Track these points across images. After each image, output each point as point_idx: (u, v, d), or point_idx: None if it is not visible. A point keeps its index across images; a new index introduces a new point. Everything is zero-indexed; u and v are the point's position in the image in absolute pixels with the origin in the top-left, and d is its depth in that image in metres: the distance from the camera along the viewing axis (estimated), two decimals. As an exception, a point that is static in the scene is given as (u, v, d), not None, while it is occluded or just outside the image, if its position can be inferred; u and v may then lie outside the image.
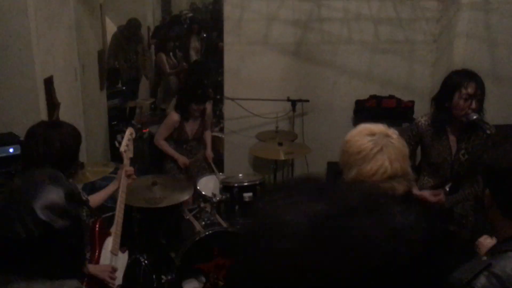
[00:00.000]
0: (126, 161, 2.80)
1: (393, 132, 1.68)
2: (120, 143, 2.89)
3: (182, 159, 4.08)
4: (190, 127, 4.12)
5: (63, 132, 2.29)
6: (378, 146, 1.61)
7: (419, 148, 3.01)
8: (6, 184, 2.93)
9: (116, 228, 2.61)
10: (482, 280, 1.28)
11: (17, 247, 1.21)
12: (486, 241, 2.09)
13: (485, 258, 1.34)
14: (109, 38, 6.77)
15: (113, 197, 3.79)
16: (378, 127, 1.67)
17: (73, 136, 2.33)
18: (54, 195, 1.26)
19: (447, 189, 2.84)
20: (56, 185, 1.29)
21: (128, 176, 2.75)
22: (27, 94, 3.28)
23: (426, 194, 2.84)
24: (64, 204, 1.26)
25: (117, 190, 2.76)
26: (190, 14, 8.12)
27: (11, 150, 2.96)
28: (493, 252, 1.39)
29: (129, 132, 2.92)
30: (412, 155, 3.02)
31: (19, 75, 3.26)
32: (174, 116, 4.08)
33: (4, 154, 2.96)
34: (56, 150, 2.23)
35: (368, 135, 1.65)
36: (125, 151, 2.80)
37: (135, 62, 7.02)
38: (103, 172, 3.49)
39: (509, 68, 4.20)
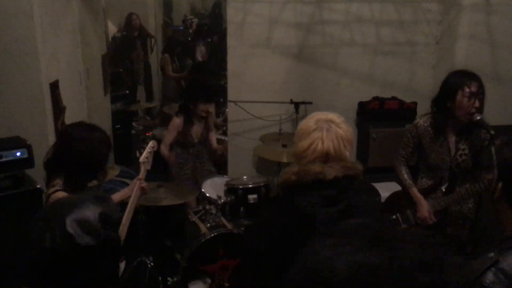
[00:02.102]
0: (143, 173, 2.78)
1: (338, 118, 1.78)
2: (141, 154, 2.87)
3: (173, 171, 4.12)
4: (195, 130, 4.12)
5: (96, 136, 2.30)
6: (316, 126, 1.73)
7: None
8: (14, 187, 2.98)
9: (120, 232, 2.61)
10: (490, 276, 1.29)
11: (43, 256, 1.21)
12: None
13: (492, 254, 1.36)
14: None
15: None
16: (327, 115, 1.79)
17: (105, 142, 2.34)
18: (89, 212, 1.25)
19: (444, 189, 2.87)
20: (96, 204, 1.28)
21: (142, 188, 2.73)
22: (34, 98, 3.32)
23: (424, 210, 2.85)
24: (96, 223, 1.24)
25: (127, 198, 2.74)
26: (195, 19, 8.18)
27: (18, 153, 2.99)
28: (500, 248, 1.40)
29: (151, 145, 2.90)
30: (411, 157, 3.04)
31: (25, 80, 3.29)
32: (176, 120, 4.07)
33: (11, 158, 2.99)
34: (89, 153, 2.24)
35: (316, 119, 1.77)
36: (143, 163, 2.79)
37: (130, 68, 7.08)
38: (110, 175, 3.51)
39: (510, 69, 4.23)
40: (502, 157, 1.48)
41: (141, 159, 2.79)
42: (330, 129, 1.73)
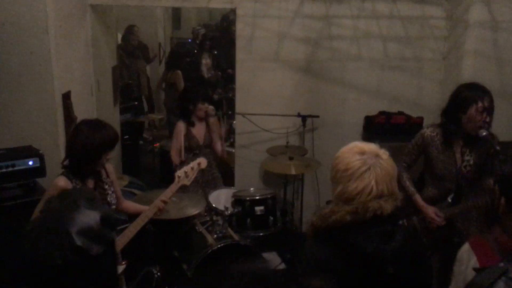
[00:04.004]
0: (174, 187, 2.77)
1: (383, 153, 1.67)
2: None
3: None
4: (197, 131, 4.17)
5: (97, 136, 2.47)
6: (366, 166, 1.61)
7: (420, 158, 3.06)
8: (26, 195, 3.03)
9: (120, 240, 2.63)
10: (500, 285, 1.31)
11: (53, 272, 1.21)
12: None
13: (502, 264, 1.39)
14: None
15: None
16: (369, 147, 1.68)
17: (106, 142, 2.50)
18: (90, 219, 1.25)
19: (450, 200, 2.89)
20: (92, 208, 1.28)
21: (163, 202, 2.74)
22: (46, 108, 3.39)
23: (431, 211, 2.88)
24: (99, 228, 1.25)
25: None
26: (203, 31, 8.23)
27: (30, 162, 3.05)
28: (510, 259, 1.43)
29: (197, 162, 2.84)
30: (413, 164, 3.07)
31: (38, 90, 3.38)
32: (179, 125, 4.16)
33: (23, 167, 3.06)
34: (86, 149, 2.46)
35: (358, 153, 1.65)
36: (179, 176, 2.76)
37: (137, 80, 7.16)
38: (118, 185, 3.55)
39: (517, 86, 4.26)
40: (503, 173, 1.51)
41: (179, 173, 2.76)
42: (380, 167, 1.62)
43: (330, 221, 1.61)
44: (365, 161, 1.62)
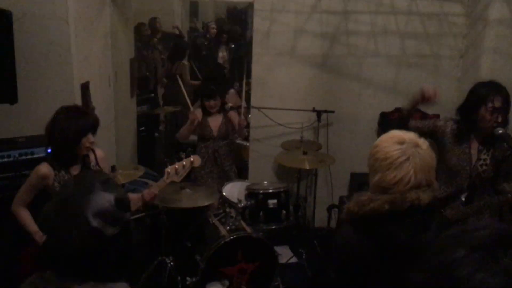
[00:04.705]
0: (162, 183, 2.74)
1: (423, 142, 1.66)
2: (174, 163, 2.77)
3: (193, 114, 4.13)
4: (213, 123, 4.17)
5: (72, 125, 2.53)
6: (405, 155, 1.61)
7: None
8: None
9: None
10: None
11: (71, 253, 1.25)
12: None
13: None
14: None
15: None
16: (409, 136, 1.67)
17: (80, 131, 2.54)
18: (105, 201, 1.28)
19: (463, 199, 2.85)
20: (107, 191, 1.32)
21: (146, 198, 2.72)
22: (65, 97, 3.44)
23: (430, 89, 2.86)
24: (114, 210, 1.29)
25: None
26: (213, 24, 8.22)
27: (49, 150, 3.11)
28: None
29: (190, 159, 2.77)
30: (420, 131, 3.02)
31: (58, 80, 3.43)
32: (197, 112, 4.18)
33: (42, 155, 3.12)
34: (61, 139, 2.56)
35: (397, 142, 1.64)
36: (168, 172, 2.74)
37: (153, 72, 7.19)
38: (134, 175, 3.61)
39: (536, 85, 4.20)
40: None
41: (169, 168, 2.73)
42: (420, 157, 1.62)
43: (367, 208, 1.62)
44: (405, 151, 1.62)
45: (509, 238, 0.85)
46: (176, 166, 2.77)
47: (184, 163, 2.79)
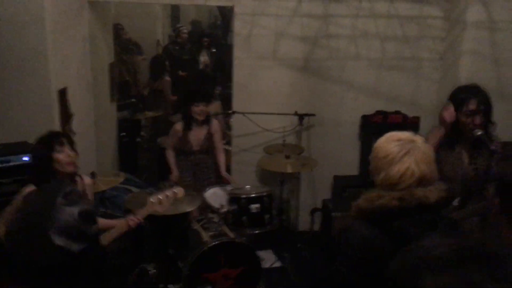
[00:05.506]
0: (145, 211, 2.71)
1: (419, 138, 1.73)
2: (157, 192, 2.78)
3: (173, 173, 4.14)
4: (194, 137, 4.14)
5: (37, 151, 2.58)
6: (404, 149, 1.68)
7: None
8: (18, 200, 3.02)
9: None
10: None
11: (38, 271, 1.21)
12: None
13: None
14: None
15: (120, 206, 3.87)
16: (405, 134, 1.74)
17: (41, 157, 2.56)
18: (68, 217, 1.23)
19: (456, 203, 2.87)
20: (70, 204, 1.26)
21: (131, 224, 2.69)
22: (42, 104, 3.38)
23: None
24: (79, 225, 1.24)
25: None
26: (185, 30, 8.06)
27: (25, 158, 3.05)
28: None
29: (174, 190, 2.77)
30: None
31: (34, 86, 3.36)
32: (176, 126, 4.15)
33: (18, 162, 3.06)
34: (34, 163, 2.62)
35: (395, 140, 1.72)
36: (152, 202, 2.71)
37: (134, 77, 7.12)
38: (114, 182, 3.55)
39: (514, 86, 4.27)
40: (498, 174, 1.52)
41: (152, 198, 2.71)
42: (418, 150, 1.68)
43: (376, 204, 1.66)
44: (403, 146, 1.69)
45: (466, 251, 0.86)
46: (160, 197, 2.74)
47: (168, 194, 2.76)
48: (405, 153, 1.67)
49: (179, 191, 2.81)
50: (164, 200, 2.74)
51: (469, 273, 1.25)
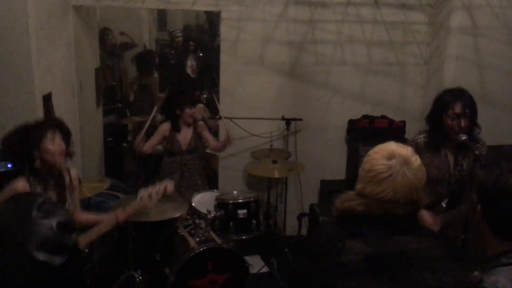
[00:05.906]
0: (135, 207, 2.69)
1: (415, 160, 1.62)
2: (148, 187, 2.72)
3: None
4: (182, 137, 4.12)
5: (15, 140, 2.51)
6: (389, 172, 1.58)
7: None
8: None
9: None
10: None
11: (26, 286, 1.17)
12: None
13: (476, 273, 1.39)
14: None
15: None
16: (401, 151, 1.62)
17: (22, 146, 2.49)
18: (46, 230, 1.20)
19: (444, 205, 2.88)
20: (47, 217, 1.22)
21: (119, 218, 2.66)
22: (26, 110, 3.33)
23: (429, 218, 2.84)
24: (57, 237, 1.21)
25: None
26: (178, 32, 8.07)
27: (9, 165, 3.00)
28: (484, 267, 1.44)
29: (164, 186, 2.72)
30: None
31: (18, 92, 3.32)
32: (163, 125, 4.13)
33: (2, 169, 3.00)
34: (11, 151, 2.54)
35: (386, 157, 1.61)
36: (141, 197, 2.68)
37: (120, 82, 7.06)
38: (99, 188, 3.52)
39: (497, 90, 4.33)
40: (481, 181, 1.51)
41: (143, 192, 2.68)
42: (403, 176, 1.56)
43: (344, 206, 1.64)
44: (390, 168, 1.58)
45: (376, 260, 0.88)
46: (150, 190, 2.69)
47: (158, 189, 2.71)
48: (387, 176, 1.57)
49: (168, 186, 2.76)
50: (154, 195, 2.69)
51: (374, 280, 1.36)
